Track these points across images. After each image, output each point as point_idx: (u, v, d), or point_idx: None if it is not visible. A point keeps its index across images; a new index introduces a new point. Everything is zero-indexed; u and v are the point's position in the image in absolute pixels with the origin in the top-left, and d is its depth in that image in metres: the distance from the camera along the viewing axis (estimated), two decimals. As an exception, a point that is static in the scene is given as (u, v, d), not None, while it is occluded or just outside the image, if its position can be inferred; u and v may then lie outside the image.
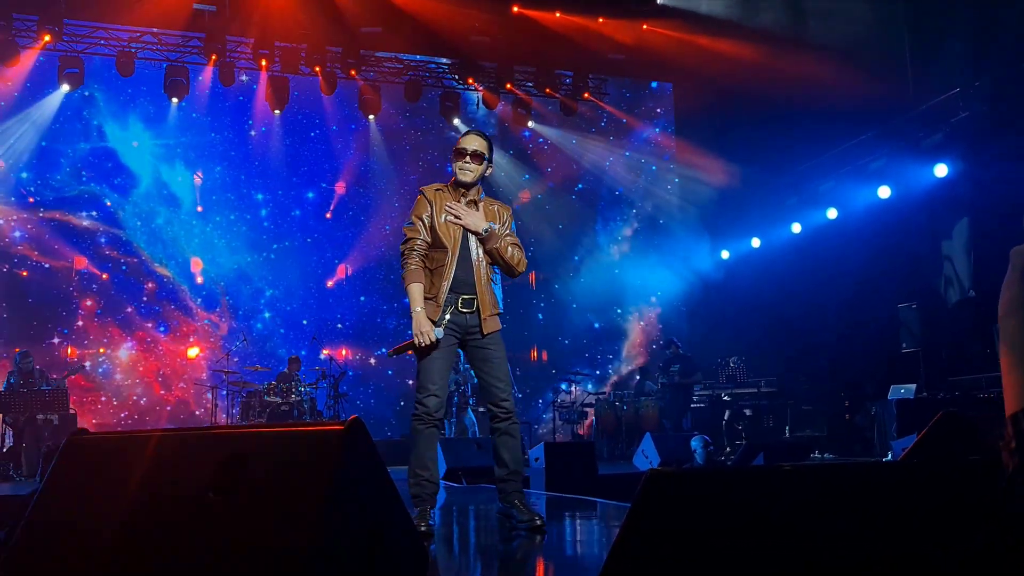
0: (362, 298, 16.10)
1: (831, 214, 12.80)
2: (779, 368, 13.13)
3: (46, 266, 14.20)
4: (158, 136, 14.86)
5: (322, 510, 2.06)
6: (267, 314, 15.56)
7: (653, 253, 16.45)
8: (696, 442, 9.15)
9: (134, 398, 14.61)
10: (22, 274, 14.05)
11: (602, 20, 13.89)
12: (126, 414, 14.44)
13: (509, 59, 14.27)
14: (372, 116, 14.89)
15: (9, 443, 10.21)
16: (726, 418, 12.73)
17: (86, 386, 13.81)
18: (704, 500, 1.82)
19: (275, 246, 15.72)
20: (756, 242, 14.33)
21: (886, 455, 9.52)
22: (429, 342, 4.08)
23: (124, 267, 14.66)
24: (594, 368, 16.36)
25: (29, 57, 12.72)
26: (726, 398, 12.92)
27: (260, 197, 15.71)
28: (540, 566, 3.63)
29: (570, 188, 17.02)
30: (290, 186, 15.87)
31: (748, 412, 12.74)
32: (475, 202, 4.33)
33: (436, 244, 4.24)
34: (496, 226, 4.31)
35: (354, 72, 13.73)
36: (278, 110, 14.05)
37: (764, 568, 1.76)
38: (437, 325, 4.14)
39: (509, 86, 14.51)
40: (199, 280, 15.14)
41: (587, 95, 15.02)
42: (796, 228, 13.53)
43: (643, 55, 14.25)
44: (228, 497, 2.22)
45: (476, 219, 4.26)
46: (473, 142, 4.32)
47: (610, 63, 14.84)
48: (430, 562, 2.62)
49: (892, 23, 11.72)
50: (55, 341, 14.13)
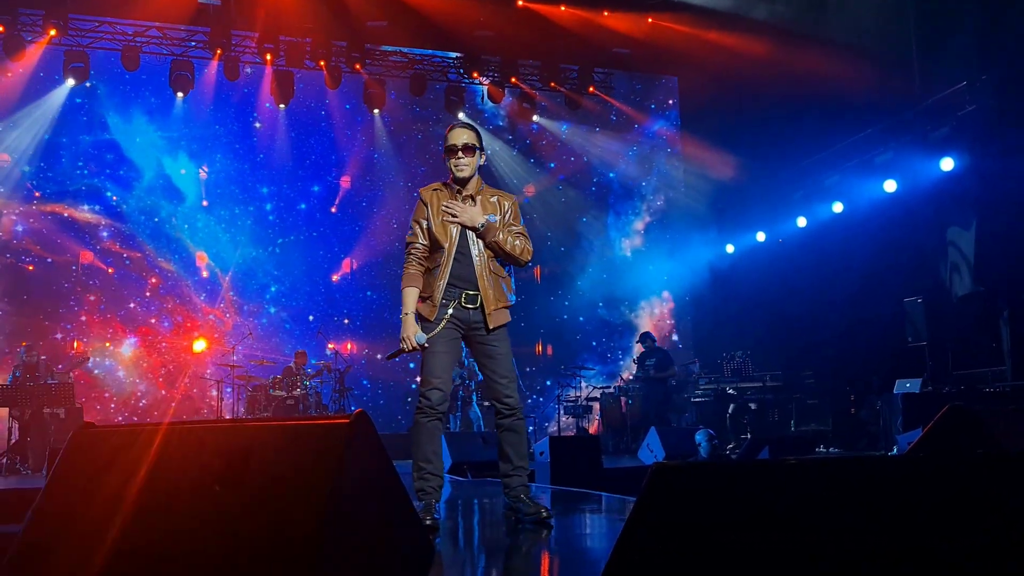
0: (368, 293, 16.11)
1: (837, 208, 12.76)
2: (784, 362, 13.11)
3: (51, 260, 14.22)
4: (163, 130, 14.87)
5: (327, 503, 2.07)
6: (272, 308, 15.58)
7: (660, 247, 16.41)
8: (700, 436, 9.15)
9: (138, 394, 14.59)
10: (28, 268, 14.08)
11: (607, 13, 13.85)
12: (127, 414, 14.40)
13: (514, 53, 14.25)
14: (377, 110, 14.89)
15: (15, 437, 10.24)
16: (731, 412, 12.71)
17: (89, 383, 13.80)
18: (709, 494, 1.82)
19: (280, 240, 15.73)
20: (761, 236, 14.30)
21: (891, 449, 9.52)
22: (411, 348, 4.08)
23: (128, 261, 14.68)
24: (604, 364, 16.26)
25: (35, 52, 12.74)
26: (731, 392, 12.90)
27: (265, 191, 15.72)
28: (546, 560, 3.63)
29: (577, 182, 16.95)
30: (295, 181, 15.88)
31: (753, 406, 12.73)
32: (473, 196, 4.30)
33: (434, 245, 4.23)
34: (495, 218, 4.27)
35: (359, 66, 13.72)
36: (283, 104, 14.05)
37: (769, 562, 1.76)
38: (436, 323, 4.13)
39: (514, 80, 14.48)
40: (204, 274, 15.16)
41: (592, 89, 14.99)
42: (802, 222, 13.49)
43: (648, 49, 14.21)
44: (234, 490, 2.23)
45: (472, 214, 4.22)
46: (462, 136, 4.26)
47: (615, 57, 14.81)
48: (435, 555, 2.62)
49: (899, 16, 11.67)
50: (58, 337, 14.13)
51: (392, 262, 16.13)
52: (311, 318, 15.37)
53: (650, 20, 14.05)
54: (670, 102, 16.95)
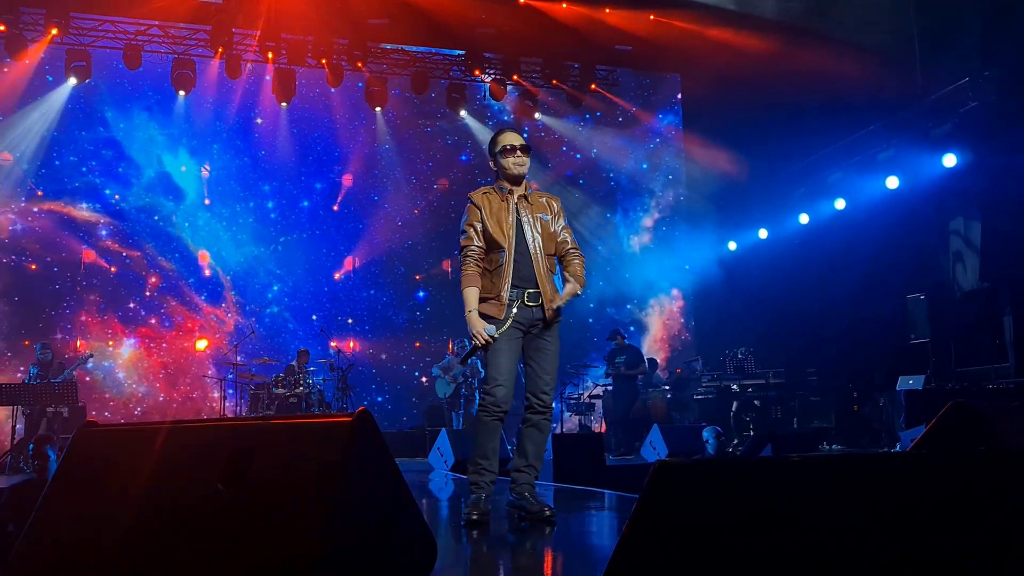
0: (371, 292, 16.11)
1: (839, 205, 12.75)
2: (787, 359, 13.10)
3: (53, 259, 14.22)
4: (165, 129, 14.87)
5: (330, 501, 2.07)
6: (274, 308, 15.58)
7: (667, 244, 16.36)
8: (708, 433, 9.12)
9: (139, 395, 14.55)
10: (31, 267, 14.09)
11: (609, 11, 13.83)
12: (127, 417, 14.36)
13: (516, 50, 14.23)
14: (379, 108, 14.89)
15: (20, 435, 10.27)
16: (734, 409, 12.69)
17: (87, 384, 13.74)
18: (712, 491, 1.81)
19: (282, 239, 15.74)
20: (764, 233, 14.28)
21: (894, 446, 9.51)
22: (485, 341, 4.14)
23: (130, 261, 14.67)
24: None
25: (36, 51, 12.74)
26: (734, 389, 12.89)
27: (267, 189, 15.72)
28: (549, 557, 3.64)
29: (584, 178, 16.88)
30: (297, 179, 15.88)
31: (756, 403, 12.71)
32: (525, 197, 4.40)
33: (492, 246, 4.29)
34: (548, 217, 4.39)
35: (361, 64, 13.72)
36: (285, 102, 14.06)
37: (771, 559, 1.76)
38: (502, 323, 4.20)
39: (516, 77, 14.47)
40: (207, 273, 15.17)
41: (594, 86, 14.97)
42: (804, 219, 13.48)
43: (650, 46, 14.18)
44: (237, 488, 2.23)
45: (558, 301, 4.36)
46: (518, 138, 4.41)
47: (617, 54, 14.79)
48: (438, 553, 2.62)
49: (901, 12, 11.65)
50: (58, 336, 14.11)
51: (396, 260, 16.13)
52: (314, 317, 15.36)
53: (652, 17, 14.03)
54: (677, 97, 16.89)
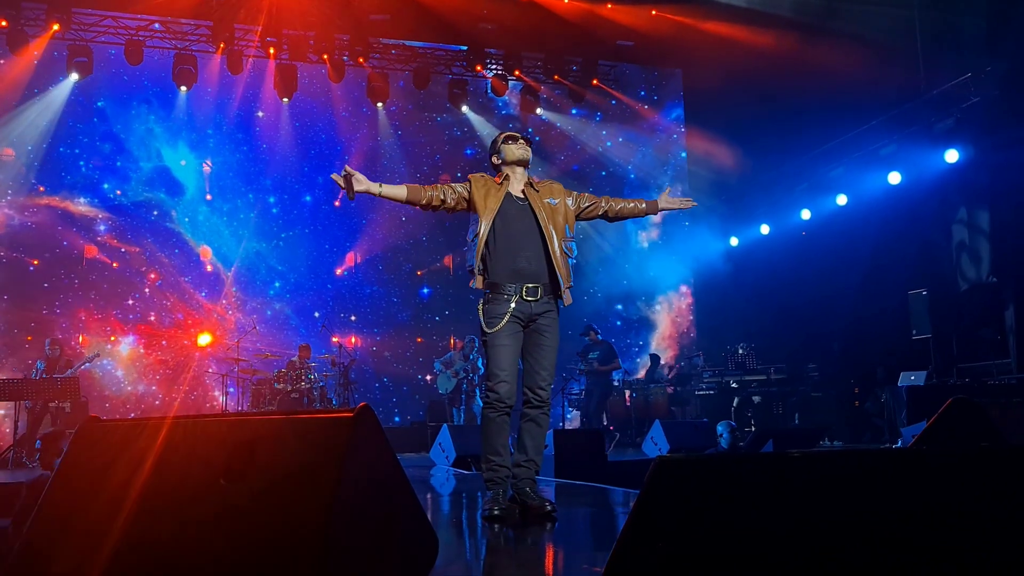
0: (374, 288, 16.11)
1: (841, 200, 12.74)
2: (789, 355, 13.10)
3: (54, 255, 14.20)
4: (165, 124, 14.85)
5: (331, 496, 2.08)
6: (276, 303, 15.57)
7: (671, 241, 16.32)
8: (722, 427, 9.09)
9: (138, 393, 14.50)
10: (33, 262, 14.10)
11: (610, 6, 13.81)
12: (125, 414, 14.34)
13: (517, 45, 14.21)
14: (380, 103, 14.87)
15: (22, 430, 10.29)
16: (735, 405, 12.70)
17: (88, 382, 13.67)
18: (713, 487, 1.82)
19: (283, 234, 15.72)
20: (765, 228, 14.28)
21: (896, 442, 9.51)
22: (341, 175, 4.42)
23: (130, 256, 14.64)
24: (621, 359, 15.99)
25: (38, 46, 12.74)
26: (735, 385, 12.90)
27: (269, 184, 15.70)
28: (550, 552, 3.64)
29: (591, 172, 16.73)
30: (298, 174, 15.85)
31: (757, 399, 12.72)
32: (531, 184, 4.48)
33: (474, 218, 4.43)
34: (556, 201, 4.48)
35: (362, 60, 13.70)
36: (286, 98, 14.05)
37: (772, 554, 1.76)
38: (499, 318, 4.26)
39: (518, 73, 14.46)
40: (208, 269, 15.16)
41: (596, 81, 14.95)
42: (806, 214, 13.48)
43: (652, 41, 14.17)
44: (239, 483, 2.23)
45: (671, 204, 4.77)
46: (518, 133, 4.60)
47: (619, 49, 14.77)
48: (440, 548, 2.63)
49: (904, 7, 11.63)
50: (59, 336, 14.04)
51: (399, 256, 16.12)
52: (317, 315, 15.32)
53: (653, 12, 14.01)
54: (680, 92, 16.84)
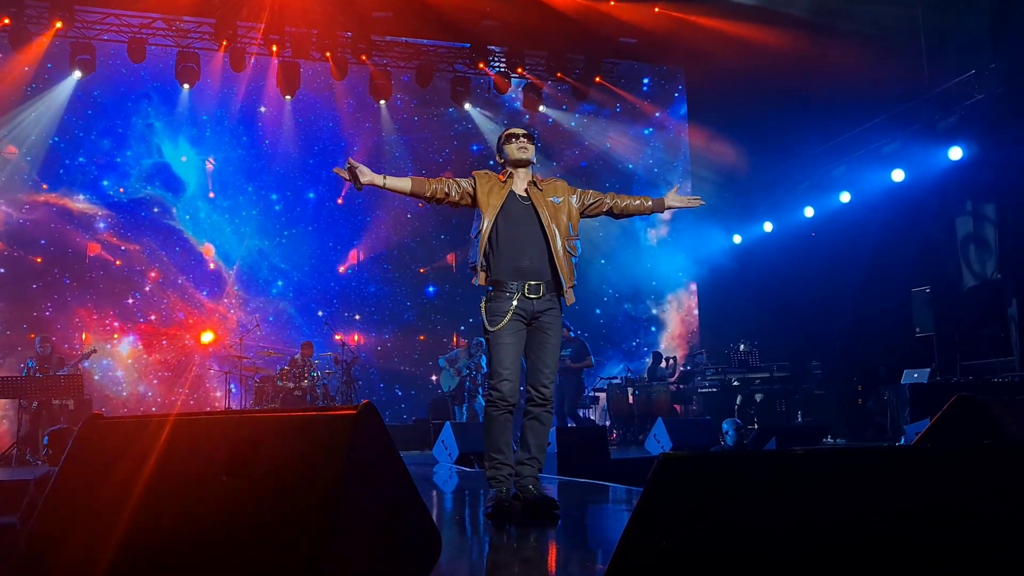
0: (375, 285, 16.11)
1: (844, 198, 12.72)
2: (791, 353, 13.09)
3: (57, 253, 14.21)
4: (168, 121, 14.85)
5: (334, 493, 2.08)
6: (278, 301, 15.57)
7: (680, 239, 16.27)
8: (728, 424, 9.07)
9: (137, 394, 14.49)
10: (36, 260, 14.11)
11: (613, 3, 13.79)
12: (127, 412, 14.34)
13: (520, 43, 14.19)
14: (383, 101, 14.86)
15: (25, 428, 10.30)
16: (738, 403, 12.69)
17: (87, 382, 13.61)
18: (716, 484, 1.82)
19: (286, 232, 15.72)
20: (768, 226, 14.26)
21: (899, 440, 9.51)
22: (345, 166, 4.29)
23: (132, 254, 14.63)
24: (631, 360, 15.79)
25: (41, 44, 12.73)
26: (736, 383, 12.88)
27: (272, 183, 15.70)
28: (553, 550, 3.64)
29: (599, 169, 16.58)
30: (301, 172, 15.85)
31: (760, 397, 12.70)
32: (534, 183, 4.47)
33: (478, 215, 4.42)
34: (559, 200, 4.46)
35: (365, 57, 13.69)
36: (289, 95, 14.05)
37: (775, 552, 1.76)
38: (501, 316, 4.26)
39: (520, 70, 14.44)
40: (211, 266, 15.16)
41: (599, 79, 14.92)
42: (809, 212, 13.46)
43: (654, 38, 14.13)
44: (242, 480, 2.24)
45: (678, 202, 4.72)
46: (522, 128, 4.58)
47: (622, 47, 14.74)
48: (443, 545, 2.63)
49: (907, 5, 11.60)
50: (59, 328, 14.05)
51: (404, 253, 16.10)
52: (320, 314, 15.30)
53: (656, 10, 13.98)
54: (680, 88, 16.75)
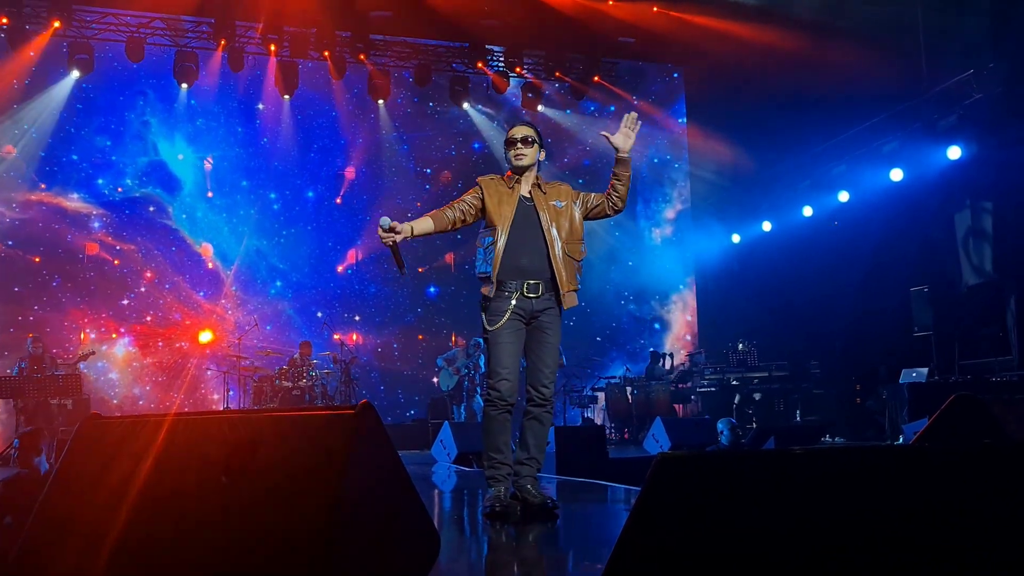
0: (374, 284, 16.10)
1: (843, 197, 12.72)
2: (790, 352, 13.08)
3: (54, 252, 14.17)
4: (166, 121, 14.81)
5: (333, 493, 2.08)
6: (278, 303, 15.53)
7: (684, 238, 16.24)
8: (723, 424, 9.07)
9: (134, 396, 14.41)
10: (34, 260, 14.09)
11: (612, 2, 13.78)
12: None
13: (519, 42, 14.18)
14: (382, 100, 14.86)
15: (23, 428, 10.29)
16: (736, 402, 12.68)
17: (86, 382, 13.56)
18: (714, 484, 1.82)
19: (284, 232, 15.70)
20: (767, 226, 14.27)
21: (898, 439, 9.51)
22: (383, 229, 4.26)
23: (125, 254, 14.58)
24: (634, 361, 15.55)
25: (39, 43, 12.72)
26: (735, 382, 12.88)
27: (270, 183, 15.68)
28: (551, 549, 3.64)
29: (602, 168, 16.52)
30: (299, 172, 15.83)
31: (758, 396, 12.70)
32: (538, 185, 4.47)
33: (489, 224, 4.39)
34: (562, 204, 4.43)
35: (363, 57, 13.69)
36: (287, 95, 14.05)
37: (774, 552, 1.76)
38: (500, 315, 4.25)
39: (519, 70, 14.43)
40: (210, 266, 15.14)
41: (597, 78, 14.92)
42: (808, 211, 13.46)
43: (653, 38, 14.13)
44: (240, 480, 2.23)
45: (622, 139, 4.43)
46: (520, 131, 4.49)
47: (620, 46, 14.73)
48: (442, 545, 2.63)
49: (906, 4, 11.61)
50: (51, 331, 13.96)
51: (405, 253, 16.06)
52: (320, 314, 15.26)
53: (655, 9, 13.98)
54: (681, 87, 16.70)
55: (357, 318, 15.83)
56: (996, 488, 1.91)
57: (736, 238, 14.94)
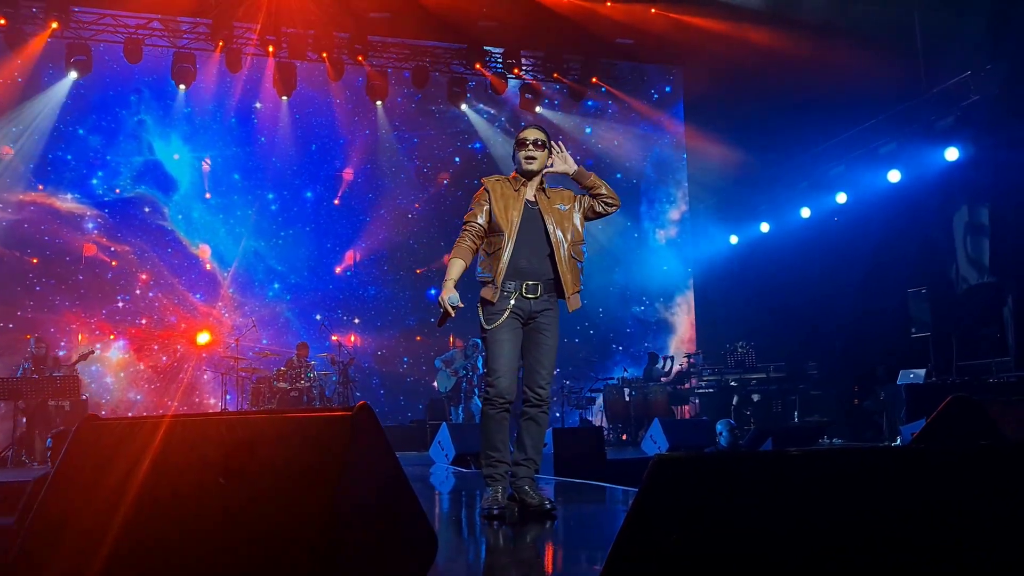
0: (372, 285, 16.08)
1: (841, 199, 12.74)
2: (788, 353, 13.09)
3: (51, 254, 14.15)
4: (161, 118, 14.79)
5: (330, 494, 2.08)
6: (276, 306, 15.50)
7: (688, 240, 16.22)
8: (721, 425, 9.08)
9: (129, 400, 14.36)
10: (32, 261, 14.06)
11: (610, 4, 13.79)
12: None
13: (517, 43, 14.19)
14: (380, 102, 14.85)
15: (21, 429, 10.28)
16: (734, 403, 12.69)
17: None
18: (711, 485, 1.82)
19: (283, 233, 15.67)
20: (765, 227, 14.28)
21: (895, 440, 9.52)
22: (445, 308, 4.24)
23: (120, 255, 14.55)
24: (638, 364, 15.39)
25: (37, 44, 12.70)
26: (733, 383, 12.88)
27: (268, 184, 15.65)
28: (549, 550, 3.64)
29: (605, 168, 16.46)
30: (297, 174, 15.80)
31: (756, 397, 12.71)
32: (542, 189, 4.49)
33: (495, 229, 4.37)
34: (565, 207, 4.47)
35: (361, 58, 13.69)
36: (285, 96, 14.04)
37: (772, 553, 1.76)
38: (499, 314, 4.27)
39: (517, 71, 14.43)
40: (207, 267, 15.11)
41: (595, 79, 14.92)
42: (806, 213, 13.47)
43: (651, 39, 14.14)
44: (238, 482, 2.23)
45: (561, 165, 4.48)
46: (533, 133, 4.49)
47: (618, 48, 14.74)
48: (439, 546, 2.63)
49: (904, 5, 11.62)
50: (44, 334, 13.92)
51: (400, 252, 16.06)
52: (318, 317, 15.22)
53: (653, 11, 13.99)
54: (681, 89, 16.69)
55: (357, 321, 15.81)
56: (994, 489, 1.92)
57: (734, 239, 14.95)
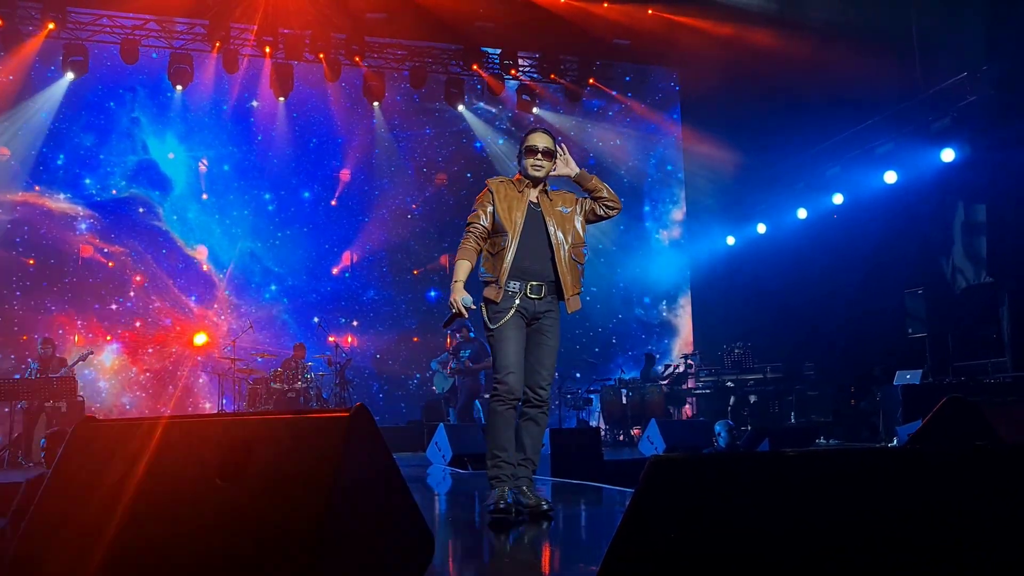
0: (369, 286, 16.07)
1: (837, 199, 12.76)
2: (785, 354, 13.10)
3: (48, 255, 14.12)
4: (157, 118, 14.76)
5: (327, 496, 2.08)
6: (273, 306, 15.47)
7: (690, 241, 16.22)
8: (720, 426, 9.08)
9: (122, 404, 14.35)
10: (29, 262, 14.04)
11: (606, 5, 13.81)
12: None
13: (514, 44, 14.20)
14: (377, 102, 14.85)
15: (18, 430, 10.27)
16: (731, 404, 12.70)
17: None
18: (708, 486, 1.82)
19: (279, 234, 15.64)
20: (762, 228, 14.29)
21: (892, 441, 9.53)
22: (458, 309, 4.28)
23: (117, 256, 14.52)
24: (639, 366, 15.23)
25: (33, 45, 12.69)
26: (730, 384, 12.89)
27: (265, 184, 15.63)
28: (546, 551, 3.64)
29: (607, 168, 16.43)
30: (294, 174, 15.78)
31: (753, 398, 12.72)
32: (545, 192, 4.51)
33: (499, 230, 4.38)
34: (568, 210, 4.50)
35: (358, 59, 13.68)
36: (282, 97, 14.02)
37: (769, 554, 1.76)
38: (503, 313, 4.29)
39: (514, 72, 14.44)
40: (204, 268, 15.09)
41: (593, 80, 14.93)
42: (802, 213, 13.49)
43: (648, 40, 14.16)
44: (234, 483, 2.23)
45: (563, 168, 4.51)
46: (543, 140, 4.48)
47: (615, 49, 14.75)
48: (436, 547, 2.63)
49: (900, 6, 11.64)
50: (46, 335, 13.89)
51: (399, 253, 16.05)
52: (316, 319, 15.17)
53: (649, 11, 14.01)
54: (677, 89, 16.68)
55: (355, 323, 15.79)
56: (991, 490, 1.92)
57: (731, 240, 14.96)
